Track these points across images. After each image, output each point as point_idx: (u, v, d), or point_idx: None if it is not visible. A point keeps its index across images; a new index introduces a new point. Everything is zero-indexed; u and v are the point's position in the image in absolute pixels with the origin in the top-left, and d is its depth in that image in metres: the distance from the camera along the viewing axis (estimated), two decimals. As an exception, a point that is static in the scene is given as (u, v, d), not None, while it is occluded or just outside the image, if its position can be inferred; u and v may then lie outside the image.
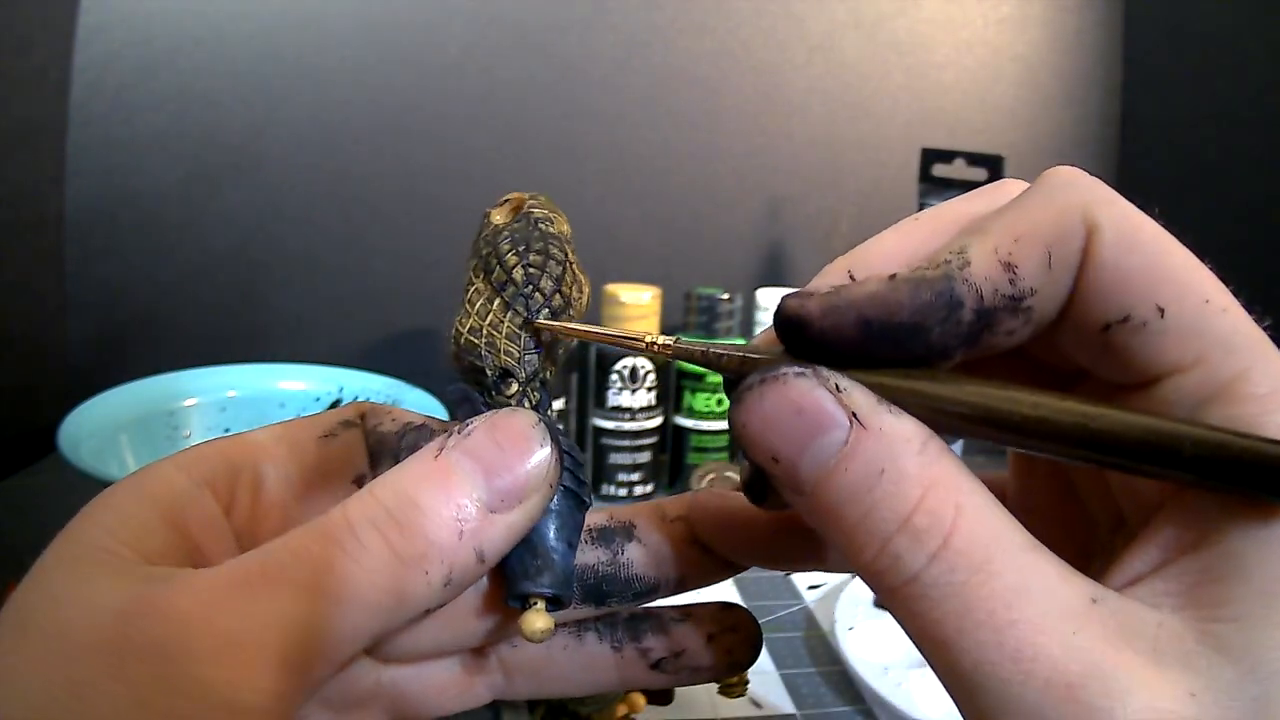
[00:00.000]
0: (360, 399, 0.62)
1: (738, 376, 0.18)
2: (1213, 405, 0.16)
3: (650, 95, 0.85)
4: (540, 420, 0.20)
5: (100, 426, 0.52)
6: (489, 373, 0.22)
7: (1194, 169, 0.85)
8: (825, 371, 0.17)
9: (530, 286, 0.22)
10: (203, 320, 0.80)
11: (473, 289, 0.23)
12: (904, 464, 0.16)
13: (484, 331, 0.22)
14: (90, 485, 0.41)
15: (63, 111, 0.73)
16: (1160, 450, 0.15)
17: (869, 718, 0.46)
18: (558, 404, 0.68)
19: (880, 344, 0.17)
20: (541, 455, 0.19)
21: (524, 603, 0.20)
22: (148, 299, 0.78)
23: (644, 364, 0.69)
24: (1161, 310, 0.16)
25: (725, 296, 0.71)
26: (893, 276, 0.17)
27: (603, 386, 0.69)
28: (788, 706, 0.46)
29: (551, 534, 0.21)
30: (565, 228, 0.24)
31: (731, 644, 0.23)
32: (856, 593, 0.55)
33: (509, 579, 0.21)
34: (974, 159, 0.71)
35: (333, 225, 0.81)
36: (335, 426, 0.23)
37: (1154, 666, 0.14)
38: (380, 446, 0.23)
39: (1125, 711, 0.14)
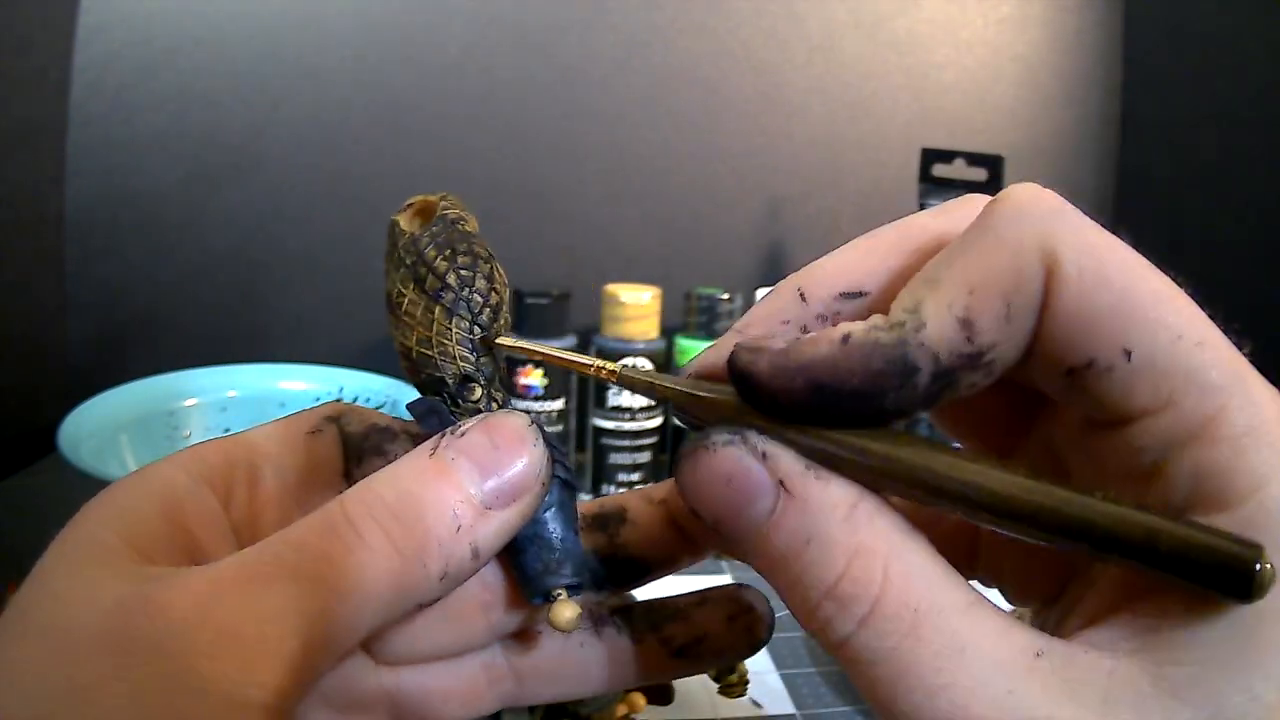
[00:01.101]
0: (360, 399, 0.62)
1: (682, 411, 0.19)
2: (1185, 448, 0.15)
3: (650, 95, 0.85)
4: (532, 421, 0.20)
5: (100, 426, 0.52)
6: (450, 381, 0.22)
7: (1194, 169, 0.85)
8: (754, 437, 0.17)
9: (467, 290, 0.22)
10: (203, 320, 0.80)
11: (406, 300, 0.23)
12: (829, 531, 0.16)
13: (433, 341, 0.22)
14: (90, 485, 0.40)
15: (63, 111, 0.73)
16: (1085, 531, 0.15)
17: (869, 718, 0.46)
18: (558, 404, 0.68)
19: (833, 406, 0.16)
20: (535, 454, 0.20)
21: (548, 597, 0.21)
22: (148, 299, 0.78)
23: (644, 364, 0.69)
24: (1128, 353, 0.15)
25: (725, 296, 0.71)
26: (846, 338, 0.16)
27: (603, 386, 0.69)
28: (788, 706, 0.46)
29: (560, 526, 0.21)
30: (475, 225, 0.25)
31: (750, 622, 0.24)
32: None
33: (530, 578, 0.21)
34: (974, 159, 0.71)
35: (333, 225, 0.81)
36: (321, 422, 0.23)
37: (1101, 717, 0.14)
38: (348, 446, 0.23)
39: None
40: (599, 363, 0.21)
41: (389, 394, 0.61)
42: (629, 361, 0.65)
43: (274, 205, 0.79)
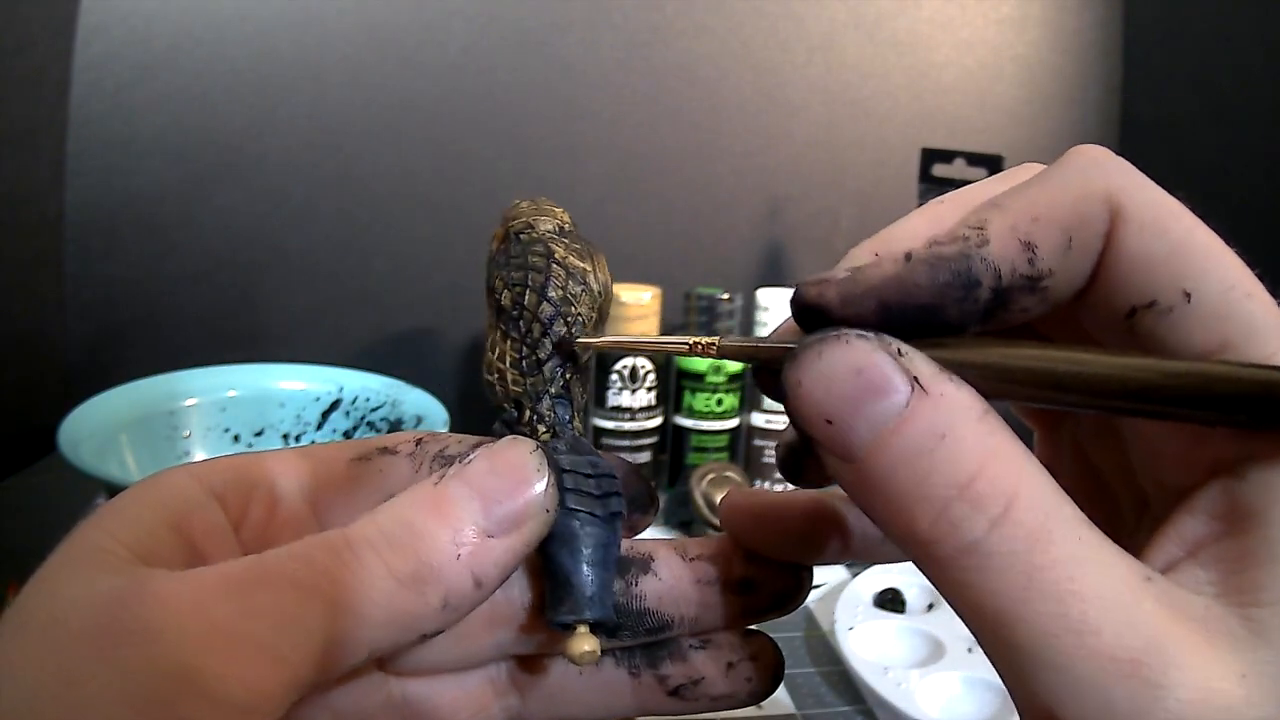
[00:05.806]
0: (360, 399, 0.62)
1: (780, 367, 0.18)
2: None
3: (650, 95, 0.85)
4: (538, 448, 0.20)
5: (100, 426, 0.51)
6: (507, 407, 0.22)
7: (1194, 169, 0.85)
8: (887, 337, 0.17)
9: (518, 309, 0.22)
10: (203, 320, 0.80)
11: (489, 327, 0.23)
12: (965, 430, 0.16)
13: (493, 367, 0.22)
14: (90, 485, 0.40)
15: (63, 111, 0.73)
16: (1213, 395, 0.15)
17: (869, 718, 0.46)
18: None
19: (897, 323, 0.17)
20: (538, 483, 0.19)
21: (565, 627, 0.20)
22: (148, 299, 0.78)
23: (644, 364, 0.69)
24: (1188, 295, 0.16)
25: (725, 296, 0.71)
26: (909, 256, 0.17)
27: (603, 386, 0.69)
28: (788, 706, 0.46)
29: (587, 559, 0.21)
30: (548, 225, 0.24)
31: (752, 672, 0.23)
32: (857, 593, 0.55)
33: (549, 606, 0.21)
34: (974, 159, 0.71)
35: (333, 225, 0.81)
36: (371, 451, 0.23)
37: (1207, 646, 0.14)
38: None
39: (1182, 689, 0.14)
40: (695, 339, 0.21)
41: (388, 394, 0.61)
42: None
43: (274, 205, 0.79)
